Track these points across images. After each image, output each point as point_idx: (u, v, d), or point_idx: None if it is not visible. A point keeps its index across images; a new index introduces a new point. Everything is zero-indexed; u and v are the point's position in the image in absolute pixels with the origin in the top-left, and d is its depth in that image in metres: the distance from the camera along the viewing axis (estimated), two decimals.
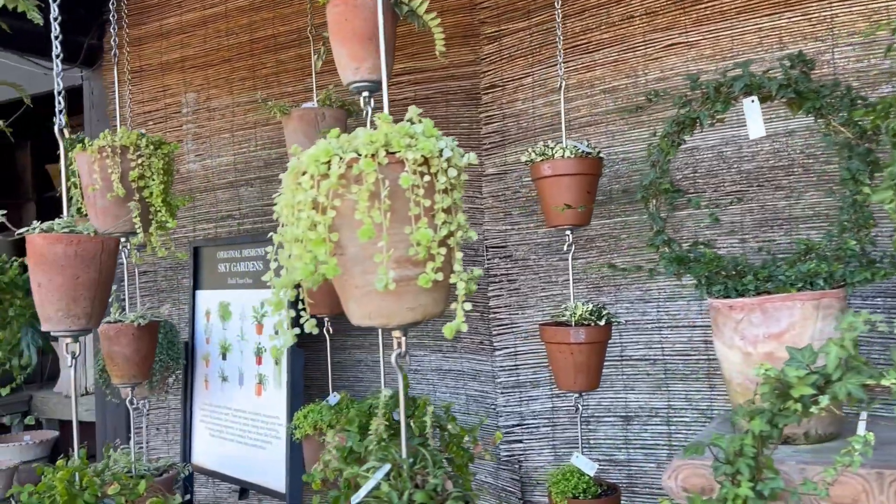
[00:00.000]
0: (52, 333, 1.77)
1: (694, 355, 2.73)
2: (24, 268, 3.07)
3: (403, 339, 1.35)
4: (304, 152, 1.27)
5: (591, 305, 2.44)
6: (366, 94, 2.14)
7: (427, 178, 1.23)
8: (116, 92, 2.61)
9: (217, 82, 3.94)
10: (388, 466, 1.30)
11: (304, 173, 1.26)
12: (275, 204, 1.33)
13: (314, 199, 1.23)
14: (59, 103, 1.85)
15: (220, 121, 3.94)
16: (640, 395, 2.84)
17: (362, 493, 1.25)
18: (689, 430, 2.74)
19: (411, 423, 2.11)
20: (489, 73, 3.17)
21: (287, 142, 3.10)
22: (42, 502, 1.73)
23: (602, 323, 2.39)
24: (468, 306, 1.27)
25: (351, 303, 1.30)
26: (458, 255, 1.27)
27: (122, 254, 2.75)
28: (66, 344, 1.81)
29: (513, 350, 3.11)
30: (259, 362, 3.39)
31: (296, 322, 1.32)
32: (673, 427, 2.77)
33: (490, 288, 3.16)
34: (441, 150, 1.25)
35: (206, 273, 3.74)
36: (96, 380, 3.48)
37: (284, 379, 3.23)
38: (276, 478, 3.22)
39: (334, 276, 1.21)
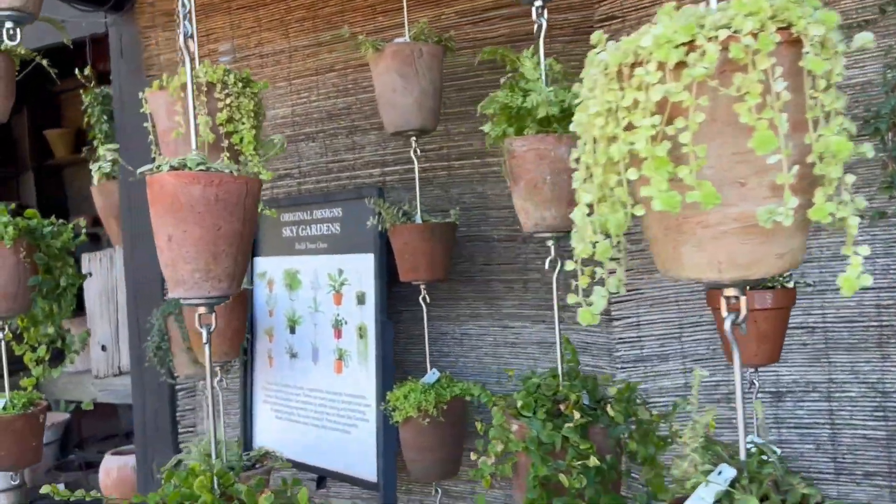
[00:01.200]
0: (183, 302, 1.37)
1: (862, 322, 2.39)
2: (76, 233, 2.67)
3: (743, 298, 0.98)
4: (635, 36, 0.89)
5: None
6: (538, 4, 1.77)
7: (826, 65, 0.86)
8: (192, 15, 2.17)
9: (270, 24, 3.50)
10: (731, 471, 0.94)
11: (635, 64, 0.88)
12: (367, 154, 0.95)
13: (663, 99, 0.85)
14: (184, 5, 1.45)
15: (273, 68, 3.51)
16: (793, 367, 2.49)
17: None
18: (856, 406, 2.41)
19: (609, 410, 1.77)
20: (605, 2, 2.77)
21: (375, 84, 2.70)
22: None
23: (790, 285, 2.04)
24: (866, 250, 0.90)
25: (687, 247, 0.92)
26: (849, 178, 0.90)
27: None
28: (199, 315, 1.42)
29: (635, 320, 2.75)
30: (338, 336, 3.01)
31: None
32: (835, 403, 2.44)
33: None
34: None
35: (268, 238, 3.34)
36: (150, 357, 3.09)
37: (372, 354, 2.85)
38: (364, 465, 2.86)
39: (712, 205, 0.83)
